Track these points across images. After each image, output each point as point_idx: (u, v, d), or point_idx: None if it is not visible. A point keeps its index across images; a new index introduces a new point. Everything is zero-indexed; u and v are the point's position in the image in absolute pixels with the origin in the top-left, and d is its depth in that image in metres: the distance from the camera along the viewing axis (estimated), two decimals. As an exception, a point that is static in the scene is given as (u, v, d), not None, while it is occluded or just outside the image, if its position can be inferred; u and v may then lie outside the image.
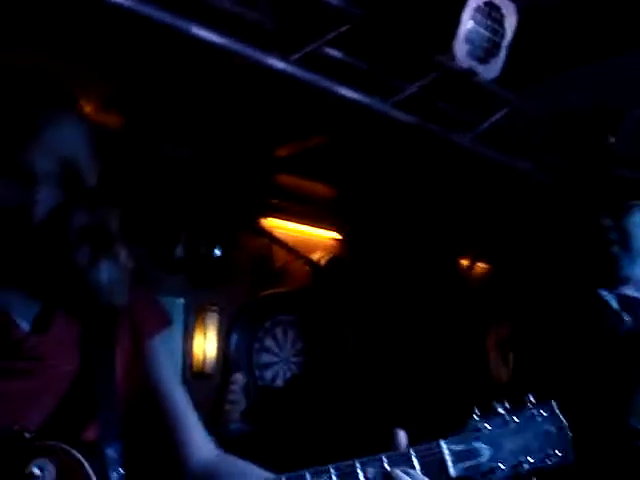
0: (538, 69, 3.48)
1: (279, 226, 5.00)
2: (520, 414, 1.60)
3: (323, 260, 5.15)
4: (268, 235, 4.87)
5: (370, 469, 1.47)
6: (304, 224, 5.16)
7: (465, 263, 5.56)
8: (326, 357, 5.17)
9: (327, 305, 5.18)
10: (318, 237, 5.30)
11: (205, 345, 4.66)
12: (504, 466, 1.55)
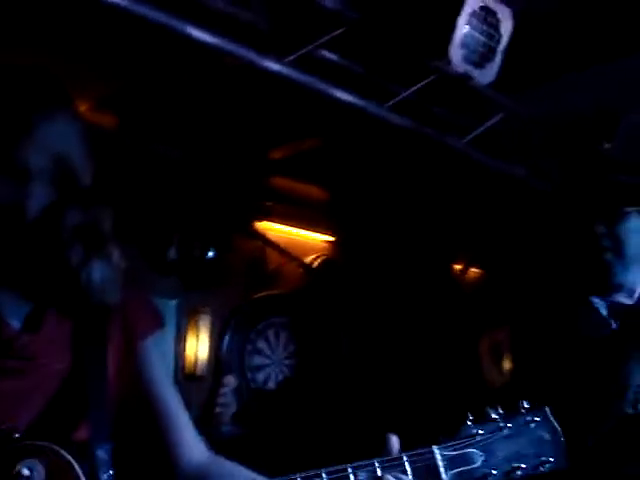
0: (534, 74, 3.49)
1: (272, 228, 4.99)
2: (514, 420, 1.60)
3: (316, 263, 5.14)
4: (261, 237, 4.86)
5: (362, 474, 1.46)
6: (298, 227, 5.15)
7: (458, 268, 5.56)
8: (318, 360, 5.15)
9: (320, 308, 5.17)
10: (311, 240, 5.29)
11: (197, 347, 4.64)
12: (497, 472, 1.55)
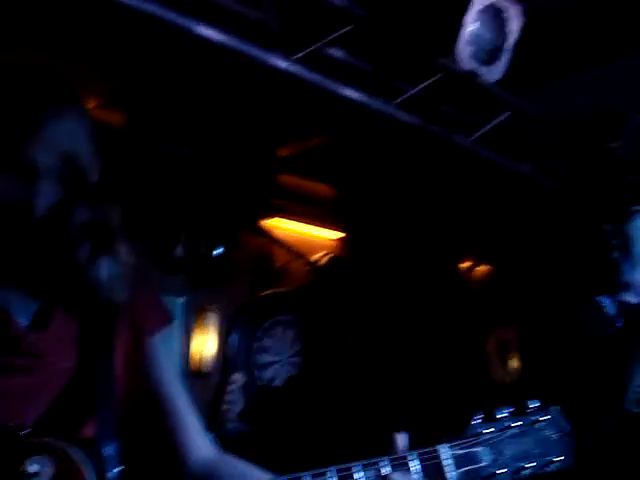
0: (541, 72, 3.48)
1: (279, 226, 4.99)
2: (521, 419, 1.59)
3: (323, 260, 5.14)
4: (268, 235, 4.86)
5: (369, 472, 1.46)
6: (305, 224, 5.15)
7: (465, 266, 5.55)
8: (325, 357, 5.15)
9: (327, 305, 5.17)
10: (318, 237, 5.29)
11: (204, 345, 4.65)
12: (505, 471, 1.54)
